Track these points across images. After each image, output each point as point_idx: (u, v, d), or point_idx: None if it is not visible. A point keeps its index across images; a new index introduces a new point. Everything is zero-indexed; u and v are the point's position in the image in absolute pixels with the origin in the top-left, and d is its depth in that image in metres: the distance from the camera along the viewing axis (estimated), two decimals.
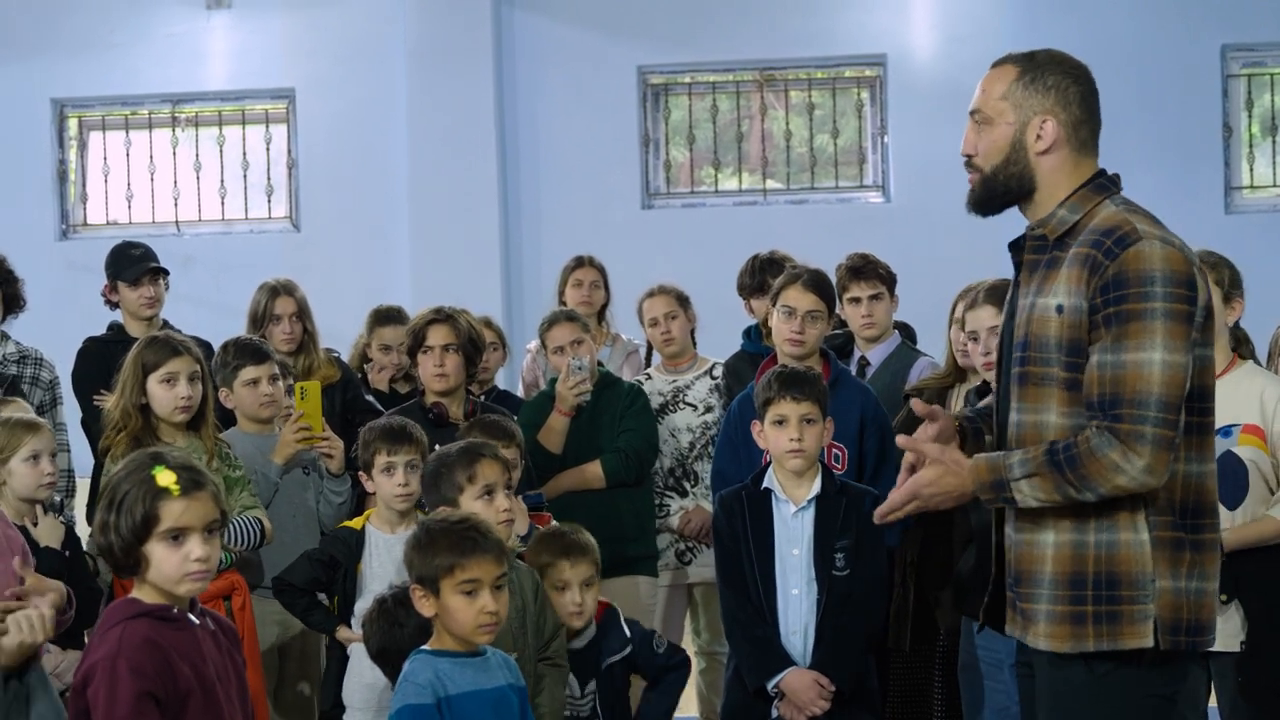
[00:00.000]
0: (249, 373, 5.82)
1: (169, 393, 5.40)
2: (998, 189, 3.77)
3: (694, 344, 7.07)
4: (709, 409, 6.80)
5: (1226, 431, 4.97)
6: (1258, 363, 5.34)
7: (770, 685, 4.90)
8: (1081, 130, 3.73)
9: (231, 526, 5.29)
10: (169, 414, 5.40)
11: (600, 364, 6.67)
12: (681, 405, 6.84)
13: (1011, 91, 3.71)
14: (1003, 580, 3.83)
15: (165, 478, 3.49)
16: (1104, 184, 3.73)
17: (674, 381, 6.89)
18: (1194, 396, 3.60)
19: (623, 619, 5.06)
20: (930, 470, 3.73)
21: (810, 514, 4.98)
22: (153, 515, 3.47)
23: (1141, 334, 3.50)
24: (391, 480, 5.13)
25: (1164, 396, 3.49)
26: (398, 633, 4.23)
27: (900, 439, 3.89)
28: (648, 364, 7.25)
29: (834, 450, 5.46)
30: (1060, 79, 3.71)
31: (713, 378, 6.89)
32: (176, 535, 3.49)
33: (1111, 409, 3.52)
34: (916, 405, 4.14)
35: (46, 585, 4.31)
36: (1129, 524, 3.60)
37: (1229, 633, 4.91)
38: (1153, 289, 3.50)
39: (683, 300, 7.04)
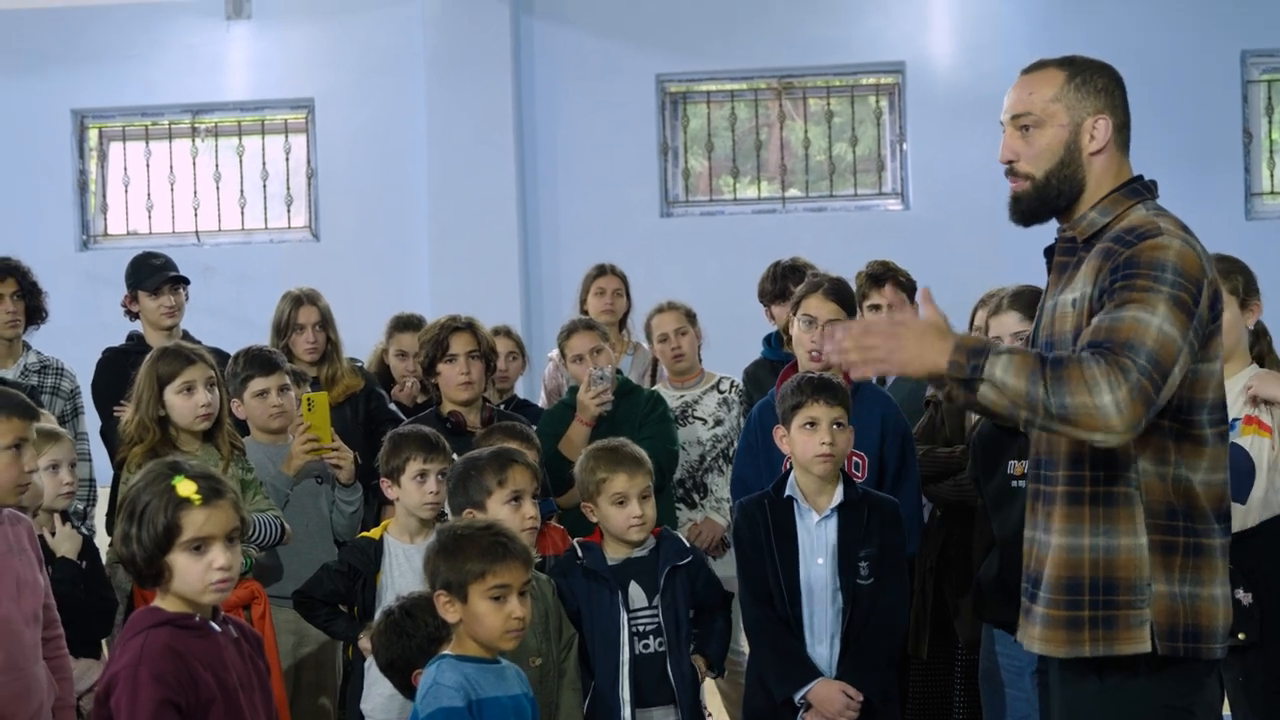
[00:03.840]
0: (258, 384, 5.85)
1: (188, 401, 5.40)
2: (1050, 193, 3.72)
3: (700, 360, 7.08)
4: (719, 422, 6.81)
5: (1231, 425, 4.99)
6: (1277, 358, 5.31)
7: (798, 696, 4.88)
8: (1125, 132, 3.75)
9: (253, 520, 5.30)
10: (190, 423, 5.40)
11: (620, 372, 6.67)
12: (691, 419, 6.85)
13: (1064, 94, 3.70)
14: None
15: (186, 487, 3.50)
16: (1138, 189, 3.72)
17: (682, 397, 6.91)
18: (1182, 409, 3.55)
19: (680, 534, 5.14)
20: (912, 318, 3.62)
21: (834, 523, 4.95)
22: (175, 525, 3.48)
23: (1145, 301, 3.43)
24: (423, 488, 5.11)
25: (1155, 352, 3.38)
26: (406, 644, 4.23)
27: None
28: (653, 381, 7.25)
29: (854, 458, 5.42)
30: (1108, 81, 3.73)
31: (720, 392, 6.90)
32: (199, 545, 3.50)
33: (1105, 347, 3.41)
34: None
35: None
36: (1129, 528, 3.57)
37: None
38: (1163, 274, 3.46)
39: (691, 317, 7.07)
